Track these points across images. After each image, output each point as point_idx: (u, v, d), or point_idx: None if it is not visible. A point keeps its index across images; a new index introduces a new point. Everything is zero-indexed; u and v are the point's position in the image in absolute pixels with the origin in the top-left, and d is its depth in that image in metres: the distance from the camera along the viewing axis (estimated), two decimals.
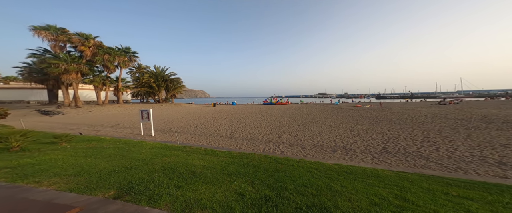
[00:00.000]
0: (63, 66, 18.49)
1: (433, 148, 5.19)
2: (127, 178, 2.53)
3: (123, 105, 24.85)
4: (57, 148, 4.48)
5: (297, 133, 7.97)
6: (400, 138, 6.64)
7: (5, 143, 3.81)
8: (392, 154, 4.78)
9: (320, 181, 2.64)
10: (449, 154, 4.67)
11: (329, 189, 2.32)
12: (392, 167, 3.63)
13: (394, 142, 6.00)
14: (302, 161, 3.79)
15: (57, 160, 3.35)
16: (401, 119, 11.62)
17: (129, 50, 25.56)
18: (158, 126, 10.45)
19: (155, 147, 5.05)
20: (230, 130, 9.07)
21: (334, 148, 5.46)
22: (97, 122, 11.94)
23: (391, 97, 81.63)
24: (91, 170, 2.81)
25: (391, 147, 5.41)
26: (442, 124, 9.38)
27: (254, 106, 30.62)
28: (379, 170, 3.21)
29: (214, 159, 3.96)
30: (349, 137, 7.03)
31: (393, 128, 8.59)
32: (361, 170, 3.16)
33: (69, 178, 2.47)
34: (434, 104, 27.81)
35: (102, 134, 7.82)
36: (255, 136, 7.50)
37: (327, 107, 26.16)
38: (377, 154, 4.76)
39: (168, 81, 32.28)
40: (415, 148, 5.25)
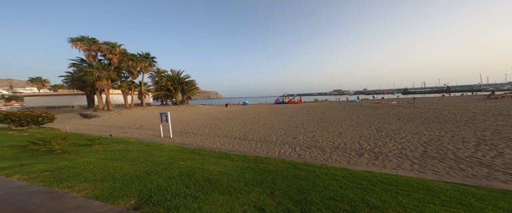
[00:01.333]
0: (96, 73, 21.04)
1: (494, 153, 4.17)
2: (147, 185, 2.52)
3: (146, 107, 27.16)
4: (91, 150, 4.90)
5: (314, 134, 7.42)
6: (444, 139, 5.58)
7: (49, 146, 4.30)
8: (437, 159, 3.98)
9: (352, 193, 2.24)
10: (502, 158, 3.67)
11: (366, 205, 1.92)
12: (443, 177, 2.96)
13: (438, 145, 5.05)
14: (324, 166, 3.37)
15: (89, 163, 3.59)
16: (440, 117, 9.95)
17: (149, 56, 27.79)
18: (175, 127, 10.97)
19: (173, 150, 5.16)
20: (243, 131, 8.96)
21: (359, 151, 4.84)
22: (125, 124, 13.15)
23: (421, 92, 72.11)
24: (116, 175, 2.90)
25: (434, 151, 4.54)
26: (499, 123, 7.67)
27: (266, 106, 30.22)
28: (427, 180, 2.62)
29: (229, 163, 3.81)
30: (377, 138, 6.21)
31: (432, 128, 7.35)
32: (402, 180, 2.62)
33: (97, 183, 2.57)
34: (481, 98, 23.44)
35: (129, 136, 8.49)
36: (269, 137, 7.21)
37: (345, 104, 24.20)
38: (417, 160, 4.01)
39: (184, 83, 34.15)
40: (468, 153, 4.29)
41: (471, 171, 3.26)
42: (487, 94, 27.23)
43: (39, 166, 3.20)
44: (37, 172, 2.87)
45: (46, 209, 1.77)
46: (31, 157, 3.88)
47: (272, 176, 2.96)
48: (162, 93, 33.24)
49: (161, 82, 31.96)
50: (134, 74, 25.58)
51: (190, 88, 35.18)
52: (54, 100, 34.53)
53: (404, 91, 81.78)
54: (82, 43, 22.13)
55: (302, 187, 2.49)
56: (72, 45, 21.92)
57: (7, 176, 2.66)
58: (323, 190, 2.37)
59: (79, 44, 21.99)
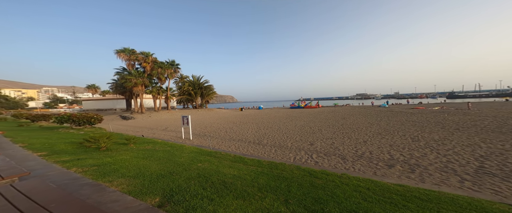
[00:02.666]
0: (134, 80, 24.71)
1: None
2: (169, 184, 2.72)
3: (171, 111, 30.14)
4: (127, 149, 5.63)
5: (333, 140, 6.87)
6: (510, 154, 4.41)
7: (97, 144, 5.16)
8: (500, 177, 3.16)
9: (378, 207, 1.97)
10: None
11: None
12: (507, 199, 2.32)
13: (500, 160, 4.02)
14: (345, 176, 3.07)
15: (125, 161, 4.11)
16: (503, 127, 7.97)
17: (174, 63, 31.16)
18: (195, 130, 11.74)
19: (193, 152, 5.50)
20: (257, 135, 8.96)
21: (389, 162, 4.23)
22: (154, 126, 14.78)
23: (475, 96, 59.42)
24: (145, 173, 3.21)
25: (495, 167, 3.63)
26: None
27: (280, 110, 29.74)
28: (483, 201, 2.10)
29: (244, 167, 3.84)
30: (413, 149, 5.34)
31: (493, 139, 5.92)
32: (446, 198, 2.17)
33: (130, 180, 2.92)
34: None
35: (156, 137, 9.50)
36: (283, 142, 7.01)
37: (371, 110, 21.63)
38: (470, 176, 3.27)
39: (203, 88, 36.77)
40: None
41: (500, 182, 2.47)
42: None
43: (90, 161, 3.82)
44: (88, 166, 3.42)
45: (93, 200, 2.12)
46: (85, 152, 4.68)
47: (287, 183, 2.86)
48: (184, 97, 36.42)
49: (184, 87, 35.21)
50: (162, 80, 29.03)
51: (208, 92, 37.61)
52: (102, 103, 41.63)
53: (450, 94, 68.72)
54: (124, 54, 26.53)
55: (319, 197, 2.32)
56: (117, 56, 26.52)
57: (67, 169, 3.26)
58: (343, 201, 2.16)
59: (122, 54, 26.44)
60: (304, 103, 36.82)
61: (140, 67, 28.30)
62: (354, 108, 26.01)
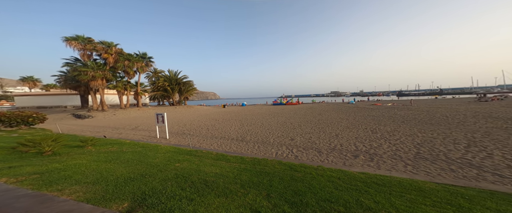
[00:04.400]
0: (90, 73, 20.63)
1: (484, 155, 4.31)
2: (141, 187, 2.49)
3: (142, 108, 26.80)
4: (83, 152, 4.79)
5: (311, 135, 7.48)
6: (436, 141, 5.73)
7: (39, 148, 4.18)
8: (430, 161, 4.08)
9: (346, 194, 2.27)
10: (508, 162, 3.80)
11: (359, 206, 1.95)
12: (435, 178, 3.04)
13: (430, 146, 5.18)
14: (320, 168, 3.41)
15: (80, 165, 3.51)
16: (433, 119, 10.22)
17: (146, 56, 27.51)
18: (172, 128, 10.85)
19: (169, 152, 5.11)
20: (240, 132, 8.95)
21: (355, 153, 4.91)
22: (120, 125, 12.91)
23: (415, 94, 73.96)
24: (109, 177, 2.85)
25: (427, 153, 4.66)
26: (489, 125, 7.95)
27: (264, 107, 30.28)
28: (419, 181, 2.69)
29: (226, 165, 3.80)
30: (372, 140, 6.32)
31: (425, 130, 7.54)
32: (395, 181, 2.67)
33: (88, 186, 2.51)
34: (471, 100, 24.26)
35: (124, 137, 8.34)
36: (266, 139, 7.23)
37: (341, 106, 24.54)
38: (411, 161, 4.11)
39: (181, 84, 33.95)
40: (459, 154, 4.42)
41: (461, 172, 3.36)
42: (477, 97, 28.24)
43: (28, 168, 3.11)
44: (25, 174, 2.79)
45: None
46: (20, 159, 3.76)
47: (269, 178, 2.98)
48: (159, 94, 32.91)
49: (158, 82, 31.70)
50: (130, 74, 25.24)
51: (188, 88, 35.00)
52: (46, 100, 33.56)
53: (399, 93, 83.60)
54: (77, 42, 21.71)
55: (298, 189, 2.51)
56: (66, 44, 21.46)
57: None
58: (318, 191, 2.40)
59: (74, 43, 21.56)
60: (286, 100, 38.53)
61: (99, 58, 23.82)
62: (328, 105, 28.79)
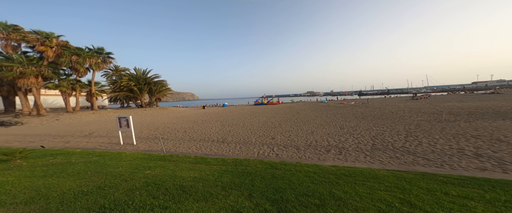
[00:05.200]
0: (18, 69, 15.92)
1: (417, 143, 5.53)
2: (98, 201, 2.10)
3: (98, 111, 22.46)
4: (8, 167, 3.69)
5: (290, 133, 7.92)
6: (386, 133, 7.00)
7: None
8: (382, 151, 4.95)
9: (321, 187, 2.50)
10: (432, 148, 4.99)
11: (332, 197, 2.19)
12: (386, 166, 3.69)
13: (382, 138, 6.28)
14: (299, 164, 3.65)
15: (4, 183, 2.69)
16: (383, 115, 12.44)
17: (103, 51, 23.25)
18: (141, 133, 9.55)
19: (137, 159, 4.48)
20: (221, 133, 8.67)
21: (327, 148, 5.48)
22: (66, 132, 10.47)
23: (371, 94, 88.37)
24: (50, 194, 2.29)
25: (379, 144, 5.63)
26: (419, 118, 10.22)
27: (245, 107, 30.22)
28: (375, 170, 3.22)
29: (206, 168, 3.62)
30: (340, 135, 7.19)
31: (378, 124, 9.10)
32: (358, 171, 3.12)
33: (18, 207, 1.95)
34: (407, 99, 30.69)
35: (72, 146, 6.81)
36: (248, 139, 7.23)
37: (316, 105, 26.96)
38: (369, 152, 4.88)
39: (152, 84, 30.25)
40: (401, 144, 5.52)
41: (403, 159, 4.22)
42: (411, 96, 36.15)
43: None
44: None
45: None
46: None
47: (251, 178, 2.99)
48: (122, 94, 28.36)
49: (121, 81, 27.28)
50: (81, 71, 20.77)
51: (160, 89, 31.49)
52: None
53: (360, 93, 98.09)
54: None
55: (279, 186, 2.61)
56: None
57: None
58: (297, 187, 2.55)
59: None
60: (267, 100, 39.63)
61: (33, 51, 18.68)
62: (305, 104, 31.02)
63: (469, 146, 4.93)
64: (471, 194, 2.07)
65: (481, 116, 9.69)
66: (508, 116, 9.11)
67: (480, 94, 34.93)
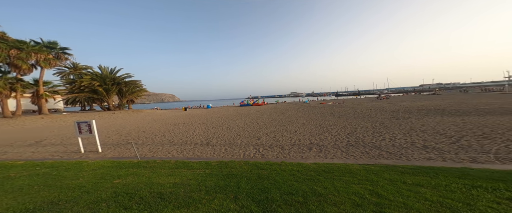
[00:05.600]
0: None
1: (381, 138, 6.37)
2: None
3: (49, 115, 18.76)
4: None
5: (275, 133, 8.12)
6: (357, 131, 7.85)
7: None
8: (355, 147, 5.52)
9: (304, 185, 2.64)
10: (392, 142, 5.83)
11: (314, 194, 2.32)
12: (358, 161, 4.13)
13: (354, 135, 7.02)
14: (283, 164, 3.77)
15: None
16: (355, 114, 13.93)
17: (56, 46, 19.69)
18: (108, 139, 8.39)
19: (103, 167, 3.92)
20: (205, 136, 8.30)
21: (309, 146, 5.82)
22: (3, 141, 8.40)
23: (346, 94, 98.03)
24: None
25: (353, 140, 6.27)
26: (382, 116, 11.82)
27: (230, 109, 29.74)
28: (350, 165, 3.57)
29: (188, 173, 3.41)
30: (320, 133, 7.74)
31: (351, 122, 10.14)
32: (336, 167, 3.41)
33: None
34: (373, 99, 35.18)
35: (12, 158, 5.50)
36: (233, 140, 7.11)
37: (299, 105, 28.39)
38: (344, 148, 5.38)
39: (122, 84, 26.90)
40: (369, 140, 6.28)
41: (371, 153, 4.80)
42: (376, 96, 41.69)
43: None
44: None
45: None
46: None
47: (237, 180, 2.95)
48: (83, 96, 24.33)
49: (82, 81, 23.40)
50: (23, 68, 17.02)
51: (133, 89, 28.29)
52: None
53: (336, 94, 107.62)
54: None
55: (264, 186, 2.64)
56: None
57: None
58: (282, 186, 2.63)
59: None
60: (252, 101, 40.14)
61: None
62: (289, 104, 32.34)
63: (419, 139, 5.95)
64: (422, 181, 2.50)
65: (426, 113, 11.79)
66: (444, 113, 11.32)
67: (425, 95, 42.83)
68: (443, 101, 20.81)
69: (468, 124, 7.89)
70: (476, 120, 8.57)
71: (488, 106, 13.37)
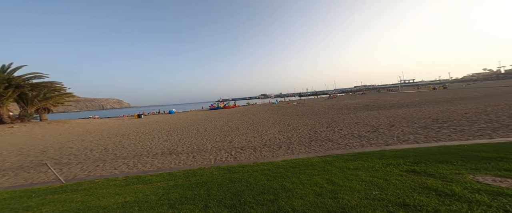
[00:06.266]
0: None
1: (332, 132, 7.74)
2: None
3: None
4: None
5: (247, 135, 8.21)
6: (316, 127, 9.18)
7: None
8: (314, 141, 6.43)
9: (275, 182, 2.81)
10: (340, 134, 7.20)
11: (283, 190, 2.51)
12: (318, 153, 4.83)
13: (314, 131, 8.17)
14: (255, 164, 3.86)
15: None
16: (314, 112, 16.22)
17: None
18: (2, 163, 5.79)
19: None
20: (168, 144, 7.30)
21: (279, 145, 6.27)
22: None
23: (307, 95, 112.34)
24: None
25: (313, 136, 7.28)
26: (332, 113, 14.39)
27: (199, 113, 27.82)
28: (311, 158, 4.11)
29: (145, 188, 2.88)
30: (288, 131, 8.49)
31: (311, 120, 11.73)
32: (301, 162, 3.83)
33: None
34: (326, 99, 42.23)
35: None
36: (203, 146, 6.63)
37: (269, 106, 30.04)
38: (307, 143, 6.16)
39: (26, 87, 19.02)
40: (325, 134, 7.49)
41: (326, 145, 5.75)
42: (328, 96, 50.82)
43: None
44: None
45: None
46: None
47: (207, 187, 2.76)
48: None
49: None
50: None
51: (47, 94, 20.59)
52: None
53: (300, 94, 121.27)
54: None
55: (237, 190, 2.61)
56: None
57: None
58: (254, 187, 2.68)
59: None
60: (223, 104, 38.73)
61: None
62: (260, 106, 33.43)
63: (355, 130, 7.65)
64: (359, 165, 3.24)
65: (359, 109, 15.33)
66: (368, 108, 15.09)
67: (357, 94, 56.47)
68: (367, 99, 27.85)
69: (382, 116, 10.89)
70: (385, 113, 11.93)
71: (390, 102, 19.02)
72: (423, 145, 4.51)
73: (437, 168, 2.74)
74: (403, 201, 1.84)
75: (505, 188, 1.92)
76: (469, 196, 1.81)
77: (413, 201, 1.83)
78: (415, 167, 2.83)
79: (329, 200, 2.07)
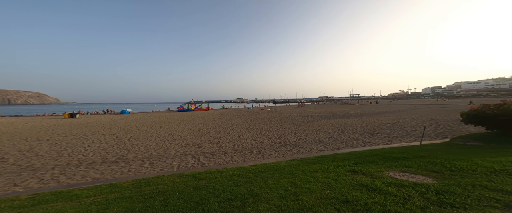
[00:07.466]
0: None
1: (299, 137, 8.51)
2: None
3: None
4: None
5: (218, 139, 7.89)
6: (286, 133, 9.86)
7: None
8: (284, 146, 6.86)
9: (243, 188, 2.80)
10: (304, 139, 8.00)
11: (251, 195, 2.53)
12: (285, 158, 5.17)
13: (284, 137, 8.74)
14: (225, 169, 3.74)
15: None
16: (285, 118, 17.42)
17: None
18: None
19: None
20: (114, 150, 6.05)
21: (251, 149, 6.31)
22: None
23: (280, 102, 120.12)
24: None
25: (283, 141, 7.77)
26: (300, 120, 15.88)
27: (163, 114, 24.82)
28: (279, 162, 4.36)
29: (69, 205, 2.28)
30: (260, 136, 8.71)
31: (283, 126, 12.53)
32: (270, 166, 3.99)
33: None
34: (296, 107, 46.36)
35: None
36: (165, 151, 5.86)
37: (244, 111, 30.15)
38: (277, 148, 6.50)
39: None
40: (293, 139, 8.14)
41: (293, 150, 6.25)
42: (298, 104, 56.32)
43: None
44: None
45: None
46: None
47: (164, 197, 2.46)
48: None
49: None
50: None
51: None
52: None
53: (274, 101, 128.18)
54: None
55: (202, 198, 2.44)
56: None
57: None
58: (222, 193, 2.59)
59: None
60: (194, 106, 36.00)
61: None
62: (235, 110, 33.13)
63: (316, 136, 8.71)
64: (317, 168, 3.68)
65: (321, 117, 17.65)
66: (328, 117, 17.63)
67: (320, 104, 64.75)
68: (327, 108, 32.53)
69: (336, 124, 12.89)
70: (338, 121, 14.23)
71: (342, 113, 22.91)
72: (361, 149, 5.61)
73: (368, 167, 3.45)
74: (346, 198, 2.22)
75: (405, 181, 2.65)
76: (384, 189, 2.38)
77: (352, 197, 2.23)
78: (355, 167, 3.47)
79: (292, 202, 2.23)
